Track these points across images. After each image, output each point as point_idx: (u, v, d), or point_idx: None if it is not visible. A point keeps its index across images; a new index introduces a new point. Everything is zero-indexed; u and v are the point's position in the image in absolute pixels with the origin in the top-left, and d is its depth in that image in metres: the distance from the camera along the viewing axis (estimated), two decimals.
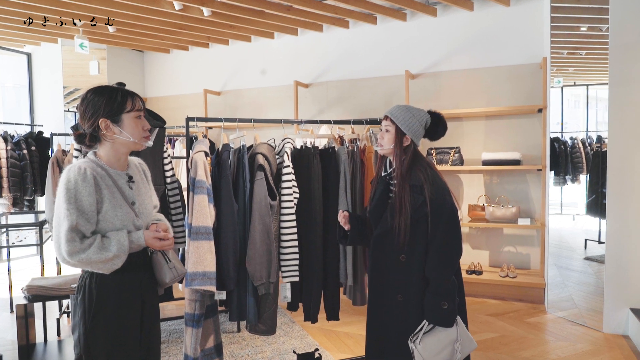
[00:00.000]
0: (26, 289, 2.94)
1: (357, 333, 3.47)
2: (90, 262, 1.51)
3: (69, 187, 1.51)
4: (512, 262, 4.47)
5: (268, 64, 5.48)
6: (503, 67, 4.42)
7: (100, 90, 1.61)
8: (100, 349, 1.59)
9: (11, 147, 4.72)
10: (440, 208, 1.81)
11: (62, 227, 1.49)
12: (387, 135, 1.92)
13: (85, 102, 1.59)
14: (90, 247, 1.51)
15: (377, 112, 4.88)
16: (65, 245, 1.48)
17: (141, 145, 1.66)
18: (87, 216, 1.52)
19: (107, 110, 1.58)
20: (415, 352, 1.79)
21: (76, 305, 1.62)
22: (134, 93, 1.67)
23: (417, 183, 1.83)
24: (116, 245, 1.54)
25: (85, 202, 1.51)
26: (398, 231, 1.83)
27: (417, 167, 1.87)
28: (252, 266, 2.29)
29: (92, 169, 1.56)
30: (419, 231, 1.83)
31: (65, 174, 1.53)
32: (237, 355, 3.08)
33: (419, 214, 1.82)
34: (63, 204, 1.50)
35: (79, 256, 1.49)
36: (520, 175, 4.41)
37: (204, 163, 2.25)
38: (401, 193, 1.84)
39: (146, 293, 1.72)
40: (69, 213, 1.49)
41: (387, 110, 1.95)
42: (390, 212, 1.87)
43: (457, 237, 1.84)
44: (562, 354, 3.07)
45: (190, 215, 2.22)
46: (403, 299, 1.88)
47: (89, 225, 1.53)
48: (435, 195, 1.81)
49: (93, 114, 1.58)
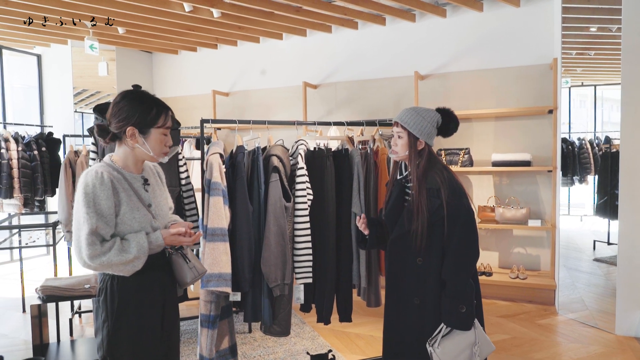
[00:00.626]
0: (40, 289, 2.96)
1: (367, 334, 3.47)
2: (111, 264, 1.52)
3: (87, 191, 1.52)
4: (522, 263, 4.46)
5: (276, 65, 5.48)
6: (512, 68, 4.41)
7: (138, 98, 1.63)
8: (124, 350, 1.61)
9: (22, 148, 4.75)
10: (457, 211, 1.81)
11: (82, 231, 1.50)
12: (400, 141, 1.91)
13: (119, 106, 1.61)
14: (111, 249, 1.52)
15: (386, 113, 4.88)
16: (86, 249, 1.49)
17: (157, 160, 1.68)
18: (106, 219, 1.53)
19: (139, 121, 1.60)
20: (434, 356, 1.79)
21: (98, 308, 1.63)
22: (169, 109, 1.69)
23: (434, 186, 1.83)
24: (136, 247, 1.55)
25: (104, 205, 1.53)
26: (415, 234, 1.83)
27: (433, 170, 1.87)
28: (267, 268, 2.29)
29: (109, 173, 1.58)
30: (436, 234, 1.83)
31: (83, 179, 1.55)
32: (249, 356, 3.09)
33: (435, 217, 1.82)
34: (82, 208, 1.51)
35: (100, 259, 1.50)
36: (530, 176, 4.40)
37: (220, 165, 2.26)
38: (418, 196, 1.84)
39: (167, 293, 1.73)
40: (88, 217, 1.50)
41: (397, 117, 1.93)
42: (407, 215, 1.87)
43: (474, 240, 1.84)
44: (575, 356, 3.06)
45: (206, 217, 2.23)
46: (420, 302, 1.88)
47: (108, 229, 1.54)
48: (452, 198, 1.81)
49: (124, 119, 1.59)
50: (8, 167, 4.62)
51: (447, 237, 1.82)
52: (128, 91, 1.67)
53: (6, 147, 4.65)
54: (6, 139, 4.68)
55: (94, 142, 2.53)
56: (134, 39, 5.36)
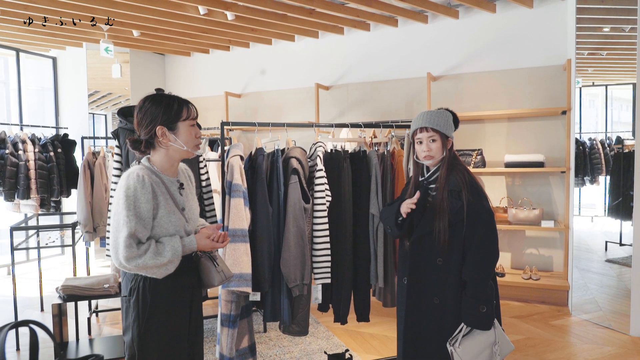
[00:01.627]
0: (61, 288, 3.02)
1: (382, 334, 3.50)
2: (146, 267, 1.56)
3: (128, 194, 1.56)
4: (534, 264, 4.46)
5: (288, 67, 5.52)
6: (525, 69, 4.41)
7: (157, 98, 1.66)
8: (154, 349, 1.65)
9: (38, 150, 4.83)
10: (478, 213, 1.83)
11: (121, 234, 1.54)
12: (435, 144, 1.94)
13: (143, 111, 1.65)
14: (146, 252, 1.56)
15: (398, 114, 4.90)
16: (124, 251, 1.53)
17: (192, 153, 1.72)
18: (144, 222, 1.57)
19: (164, 119, 1.64)
20: (454, 355, 1.82)
21: (129, 308, 1.67)
22: (189, 101, 1.72)
23: (456, 188, 1.86)
24: (170, 250, 1.59)
25: (144, 208, 1.57)
26: (437, 235, 1.86)
27: (455, 172, 1.90)
28: (287, 268, 2.33)
29: (149, 176, 1.62)
30: (456, 235, 1.86)
31: (125, 181, 1.59)
32: (265, 355, 3.13)
33: (456, 218, 1.84)
34: (123, 210, 1.55)
35: (136, 261, 1.54)
36: (543, 177, 4.40)
37: (240, 167, 2.30)
38: (441, 197, 1.86)
39: (194, 294, 1.77)
40: (128, 220, 1.54)
41: (425, 122, 1.95)
42: (429, 216, 1.90)
43: (494, 242, 1.86)
44: (590, 356, 3.07)
45: (227, 218, 2.27)
46: (439, 301, 1.90)
47: (145, 232, 1.59)
48: (473, 200, 1.84)
49: (151, 122, 1.63)
50: (25, 168, 4.69)
51: (467, 238, 1.84)
52: (146, 96, 1.71)
53: (23, 149, 4.72)
54: (23, 140, 4.75)
55: (118, 145, 2.58)
56: (147, 42, 5.43)
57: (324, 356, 3.09)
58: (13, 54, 5.57)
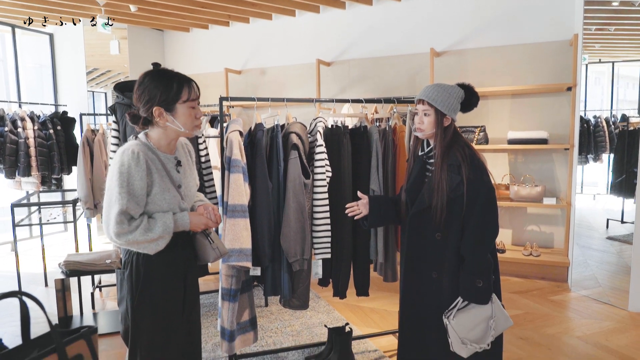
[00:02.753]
0: (64, 264, 3.05)
1: (382, 308, 3.53)
2: (137, 242, 1.56)
3: (122, 170, 1.54)
4: (535, 241, 4.47)
5: (289, 42, 5.43)
6: (531, 44, 4.33)
7: (158, 76, 1.62)
8: (147, 321, 1.66)
9: (38, 127, 4.81)
10: (477, 188, 1.82)
11: (113, 210, 1.53)
12: (427, 119, 1.90)
13: (142, 87, 1.61)
14: (137, 228, 1.55)
15: (400, 90, 4.84)
16: (114, 227, 1.53)
17: (191, 134, 1.69)
18: (137, 200, 1.56)
19: (162, 99, 1.60)
20: (449, 327, 1.83)
21: (123, 280, 1.68)
22: (191, 80, 1.67)
23: (455, 162, 1.84)
24: (162, 226, 1.59)
25: (137, 186, 1.55)
26: (435, 210, 1.85)
27: (455, 147, 1.87)
28: (287, 243, 2.33)
29: (145, 153, 1.59)
30: (455, 210, 1.85)
31: (119, 157, 1.57)
32: (266, 329, 3.17)
33: (455, 193, 1.83)
34: (116, 187, 1.54)
35: (126, 237, 1.54)
36: (546, 154, 4.37)
37: (239, 142, 2.28)
38: (439, 172, 1.85)
39: (189, 270, 1.78)
40: (120, 197, 1.53)
41: (422, 94, 1.92)
42: (428, 190, 1.89)
43: (493, 217, 1.85)
44: (588, 331, 3.10)
45: (226, 194, 2.26)
46: (438, 276, 1.91)
47: (138, 209, 1.57)
48: (473, 175, 1.82)
49: (148, 101, 1.60)
50: (25, 145, 4.68)
51: (466, 214, 1.83)
52: (147, 72, 1.66)
53: (22, 126, 4.70)
54: (22, 118, 4.73)
55: (115, 121, 2.56)
56: (146, 17, 5.33)
57: (325, 330, 3.13)
58: (9, 30, 5.49)
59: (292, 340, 2.99)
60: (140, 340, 1.66)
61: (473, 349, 1.81)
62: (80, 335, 0.93)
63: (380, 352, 2.83)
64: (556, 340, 2.96)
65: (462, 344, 1.80)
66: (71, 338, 0.91)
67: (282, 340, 2.99)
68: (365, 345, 2.92)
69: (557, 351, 2.82)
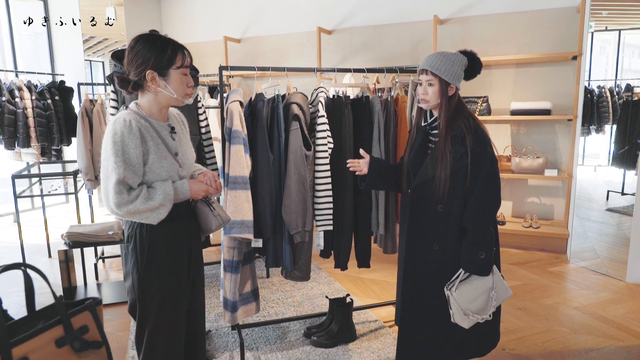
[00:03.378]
0: (66, 235, 3.06)
1: (382, 280, 3.57)
2: (138, 212, 1.54)
3: (115, 139, 1.52)
4: (535, 212, 4.48)
5: (289, 10, 5.29)
6: (536, 11, 4.21)
7: (151, 40, 1.58)
8: (154, 293, 1.67)
9: (36, 97, 4.74)
10: (481, 159, 1.80)
11: (110, 180, 1.51)
12: (432, 89, 1.86)
13: (134, 51, 1.57)
14: (137, 198, 1.54)
15: (402, 60, 4.75)
16: (114, 197, 1.51)
17: (182, 102, 1.66)
18: (134, 168, 1.54)
19: (156, 63, 1.57)
20: (450, 299, 1.84)
21: (127, 254, 1.68)
22: (184, 47, 1.64)
23: (459, 134, 1.82)
24: (162, 194, 1.57)
25: (132, 154, 1.53)
26: (438, 181, 1.83)
27: (459, 118, 1.84)
28: (288, 215, 2.33)
29: (137, 121, 1.57)
30: (458, 182, 1.83)
31: (111, 127, 1.54)
32: (268, 300, 3.21)
33: (459, 164, 1.81)
34: (111, 156, 1.51)
35: (127, 207, 1.52)
36: (549, 125, 4.32)
37: (240, 113, 2.25)
38: (443, 143, 1.82)
39: (192, 240, 1.78)
40: (116, 166, 1.50)
41: (425, 64, 1.87)
42: (431, 162, 1.87)
43: (496, 189, 1.84)
44: (585, 301, 3.14)
45: (227, 165, 2.25)
46: (439, 247, 1.91)
47: (136, 178, 1.55)
48: (477, 146, 1.79)
49: (141, 64, 1.56)
50: (24, 116, 4.63)
51: (469, 185, 1.82)
52: (140, 35, 1.62)
53: (20, 96, 4.63)
54: (19, 87, 4.65)
55: (113, 90, 2.51)
56: None
57: (326, 300, 3.17)
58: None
59: (293, 311, 3.04)
60: (149, 313, 1.68)
61: (475, 319, 1.83)
62: (85, 307, 0.94)
63: (381, 322, 2.87)
64: (554, 311, 3.00)
65: (463, 315, 1.82)
66: (76, 310, 0.92)
67: (283, 311, 3.04)
68: (366, 315, 2.96)
69: (554, 321, 2.86)
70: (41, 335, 0.85)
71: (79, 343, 0.89)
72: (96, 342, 0.92)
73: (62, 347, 0.87)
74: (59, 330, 0.87)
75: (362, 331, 2.75)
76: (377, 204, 2.59)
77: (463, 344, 1.97)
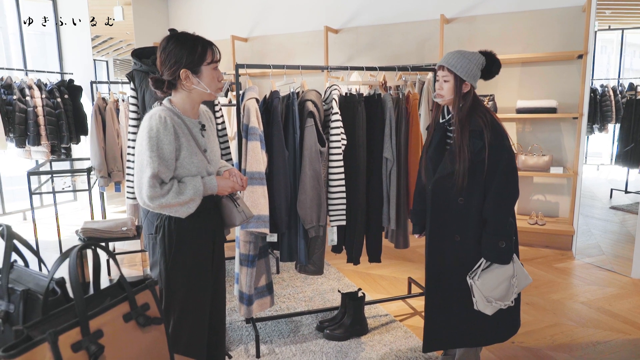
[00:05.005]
0: (81, 231, 3.11)
1: (391, 275, 3.62)
2: (169, 205, 1.59)
3: (151, 135, 1.57)
4: (540, 210, 4.53)
5: (297, 9, 5.34)
6: (542, 10, 4.26)
7: (182, 39, 1.63)
8: (180, 284, 1.72)
9: (45, 96, 4.80)
10: (499, 153, 1.85)
11: (145, 174, 1.57)
12: (447, 85, 1.93)
13: (167, 51, 1.62)
14: (169, 192, 1.59)
15: (408, 59, 4.80)
16: (147, 190, 1.56)
17: (215, 96, 1.72)
18: (167, 163, 1.59)
19: (188, 61, 1.62)
20: (474, 287, 1.90)
21: (155, 245, 1.73)
22: (212, 43, 1.69)
23: (477, 128, 1.87)
24: (192, 189, 1.62)
25: (167, 150, 1.58)
26: (457, 175, 1.88)
27: (477, 113, 1.90)
28: (303, 210, 2.38)
29: (171, 118, 1.62)
30: (477, 175, 1.89)
31: (147, 123, 1.59)
32: (279, 295, 3.26)
33: (477, 158, 1.86)
34: (146, 151, 1.56)
35: (159, 201, 1.58)
36: (554, 123, 4.37)
37: (256, 110, 2.29)
38: (461, 138, 1.88)
39: (217, 234, 1.83)
40: (151, 161, 1.56)
41: (443, 60, 1.94)
42: (450, 157, 1.92)
43: (514, 181, 1.89)
44: (591, 296, 3.19)
45: (244, 161, 2.29)
46: (460, 239, 1.96)
47: (168, 173, 1.61)
48: (494, 140, 1.85)
49: (174, 64, 1.61)
50: (34, 114, 4.69)
51: (488, 178, 1.87)
52: (170, 35, 1.67)
53: (30, 95, 4.69)
54: (30, 86, 4.71)
55: (133, 88, 2.56)
56: None
57: (336, 295, 3.22)
58: None
59: (305, 306, 3.09)
60: (174, 303, 1.73)
61: (497, 306, 1.89)
62: (146, 286, 1.00)
63: (391, 316, 2.92)
64: (561, 305, 3.05)
65: (487, 302, 1.88)
66: (139, 288, 0.99)
67: (295, 306, 3.09)
68: (377, 310, 3.01)
69: (561, 315, 2.91)
70: (111, 310, 0.91)
71: (143, 318, 0.94)
72: (157, 319, 0.98)
73: (128, 321, 0.93)
74: (125, 306, 0.93)
75: (373, 325, 2.80)
76: (388, 199, 2.64)
77: (484, 330, 2.04)
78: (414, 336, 2.66)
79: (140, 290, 0.99)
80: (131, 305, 0.96)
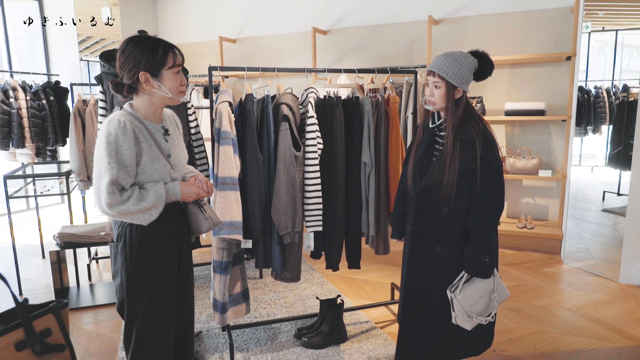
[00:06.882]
0: (58, 236, 3.06)
1: (375, 281, 3.57)
2: (130, 212, 1.54)
3: (109, 140, 1.51)
4: (529, 213, 4.48)
5: (285, 10, 5.29)
6: (531, 11, 4.21)
7: (142, 42, 1.58)
8: (142, 293, 1.67)
9: (30, 97, 4.73)
10: (490, 164, 1.78)
11: (103, 180, 1.51)
12: (438, 91, 1.84)
13: (126, 54, 1.57)
14: (129, 199, 1.54)
15: (397, 60, 4.75)
16: (106, 197, 1.51)
17: (177, 100, 1.66)
18: (127, 169, 1.54)
19: (148, 65, 1.57)
20: (454, 302, 1.83)
21: (117, 253, 1.68)
22: (175, 47, 1.64)
23: (469, 138, 1.79)
24: (154, 196, 1.57)
25: (126, 155, 1.53)
26: (445, 185, 1.81)
27: (469, 121, 1.81)
28: (278, 216, 2.32)
29: (131, 122, 1.56)
30: (464, 185, 1.81)
31: (106, 127, 1.54)
32: (260, 300, 3.21)
33: (466, 168, 1.79)
34: (104, 157, 1.51)
35: (119, 208, 1.52)
36: (543, 126, 4.32)
37: (229, 113, 2.24)
38: (451, 147, 1.80)
39: (182, 241, 1.78)
40: (109, 167, 1.50)
41: (433, 65, 1.84)
42: (439, 165, 1.84)
43: (501, 193, 1.82)
44: (578, 302, 3.14)
45: (216, 166, 2.24)
46: (442, 250, 1.90)
47: (128, 179, 1.55)
48: (486, 151, 1.77)
49: (133, 67, 1.56)
50: (18, 116, 4.62)
51: (477, 189, 1.80)
52: (130, 38, 1.62)
53: (15, 97, 4.63)
54: (14, 88, 4.65)
55: (102, 91, 2.50)
56: None
57: (317, 301, 3.17)
58: None
59: (285, 312, 3.03)
60: (136, 313, 1.68)
61: (477, 321, 1.83)
62: (48, 310, 0.93)
63: (372, 323, 2.87)
64: (546, 312, 3.00)
65: (467, 317, 1.82)
66: (38, 313, 0.91)
67: (275, 312, 3.03)
68: (357, 316, 2.96)
69: (546, 322, 2.86)
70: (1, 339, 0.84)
71: (40, 346, 0.88)
72: (59, 345, 0.92)
73: (22, 350, 0.87)
74: (19, 333, 0.87)
75: (353, 332, 2.74)
76: (367, 204, 2.59)
77: (460, 344, 1.97)
78: (394, 344, 2.60)
79: (40, 315, 0.92)
80: (26, 332, 0.89)
